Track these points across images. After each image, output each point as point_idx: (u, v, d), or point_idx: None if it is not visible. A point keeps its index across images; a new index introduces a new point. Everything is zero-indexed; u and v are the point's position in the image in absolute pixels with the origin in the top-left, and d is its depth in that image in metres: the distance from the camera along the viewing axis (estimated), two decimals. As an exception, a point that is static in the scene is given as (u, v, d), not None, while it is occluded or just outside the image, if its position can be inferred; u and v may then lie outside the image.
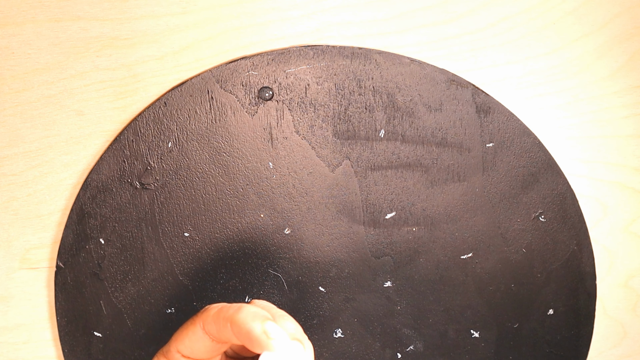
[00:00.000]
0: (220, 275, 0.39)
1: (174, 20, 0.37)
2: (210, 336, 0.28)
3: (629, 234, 0.42)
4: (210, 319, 0.28)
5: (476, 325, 0.41)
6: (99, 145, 0.38)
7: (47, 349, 0.40)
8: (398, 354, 0.41)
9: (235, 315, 0.26)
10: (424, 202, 0.39)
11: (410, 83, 0.38)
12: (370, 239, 0.39)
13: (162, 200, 0.38)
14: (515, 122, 0.39)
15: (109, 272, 0.39)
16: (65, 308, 0.39)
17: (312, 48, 0.37)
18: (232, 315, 0.27)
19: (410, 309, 0.41)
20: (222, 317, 0.27)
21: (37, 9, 0.36)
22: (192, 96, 0.37)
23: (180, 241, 0.39)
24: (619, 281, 0.43)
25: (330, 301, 0.40)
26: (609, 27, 0.39)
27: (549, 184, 0.40)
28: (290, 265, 0.39)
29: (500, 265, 0.40)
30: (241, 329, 0.26)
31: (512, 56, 0.39)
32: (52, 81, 0.37)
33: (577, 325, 0.41)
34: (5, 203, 0.38)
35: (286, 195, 0.38)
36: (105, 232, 0.38)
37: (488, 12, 0.38)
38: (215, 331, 0.27)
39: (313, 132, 0.38)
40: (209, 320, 0.28)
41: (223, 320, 0.27)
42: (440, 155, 0.39)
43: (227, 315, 0.27)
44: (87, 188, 0.38)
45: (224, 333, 0.27)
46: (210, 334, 0.28)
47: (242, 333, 0.26)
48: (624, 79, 0.40)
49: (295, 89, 0.37)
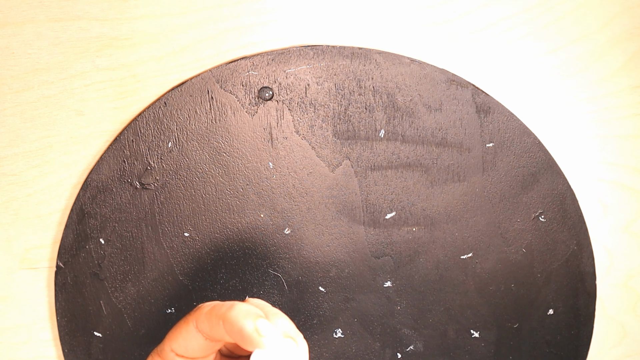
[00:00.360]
0: (220, 275, 0.39)
1: (174, 20, 0.37)
2: (204, 334, 0.28)
3: (629, 234, 0.42)
4: (203, 317, 0.27)
5: (476, 325, 0.41)
6: (99, 145, 0.38)
7: (47, 349, 0.40)
8: (398, 354, 0.41)
9: (228, 313, 0.26)
10: (424, 202, 0.39)
11: (410, 83, 0.38)
12: (370, 239, 0.39)
13: (162, 200, 0.38)
14: (515, 122, 0.39)
15: (109, 272, 0.39)
16: (65, 308, 0.39)
17: (312, 48, 0.37)
18: (225, 313, 0.26)
19: (410, 309, 0.41)
20: (214, 315, 0.27)
21: (37, 9, 0.36)
22: (192, 96, 0.37)
23: (180, 241, 0.39)
24: (619, 281, 0.43)
25: (330, 301, 0.40)
26: (609, 27, 0.39)
27: (549, 184, 0.40)
28: (290, 265, 0.39)
29: (500, 265, 0.40)
30: (233, 326, 0.26)
31: (512, 56, 0.39)
32: (52, 81, 0.37)
33: (577, 325, 0.41)
34: (5, 203, 0.38)
35: (286, 195, 0.38)
36: (105, 232, 0.38)
37: (488, 12, 0.38)
38: (208, 329, 0.27)
39: (313, 132, 0.38)
40: (201, 319, 0.28)
41: (215, 318, 0.27)
42: (440, 155, 0.39)
43: (220, 313, 0.27)
44: (87, 188, 0.37)
45: (217, 331, 0.27)
46: (203, 332, 0.28)
47: (234, 331, 0.26)
48: (624, 79, 0.40)
49: (295, 89, 0.37)
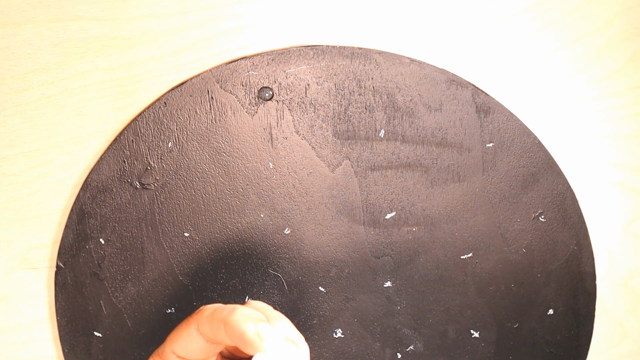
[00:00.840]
0: (220, 275, 0.39)
1: (174, 20, 0.37)
2: (205, 337, 0.28)
3: (629, 234, 0.42)
4: (204, 320, 0.28)
5: (476, 325, 0.41)
6: (99, 145, 0.38)
7: (47, 349, 0.40)
8: (398, 354, 0.41)
9: (229, 317, 0.26)
10: (424, 202, 0.39)
11: (410, 83, 0.38)
12: (370, 239, 0.39)
13: (162, 200, 0.38)
14: (515, 122, 0.39)
15: (109, 272, 0.39)
16: (65, 308, 0.39)
17: (312, 48, 0.37)
18: (226, 316, 0.27)
19: (410, 309, 0.41)
20: (216, 319, 0.27)
21: (37, 9, 0.36)
22: (192, 96, 0.37)
23: (180, 241, 0.39)
24: (619, 281, 0.43)
25: (330, 301, 0.40)
26: (609, 27, 0.39)
27: (549, 184, 0.40)
28: (290, 265, 0.39)
29: (500, 265, 0.40)
30: (234, 330, 0.26)
31: (512, 56, 0.39)
32: (52, 81, 0.37)
33: (577, 325, 0.41)
34: (5, 203, 0.38)
35: (286, 195, 0.38)
36: (105, 232, 0.38)
37: (488, 12, 0.38)
38: (210, 332, 0.27)
39: (313, 132, 0.38)
40: (203, 321, 0.28)
41: (217, 321, 0.27)
42: (440, 155, 0.39)
43: (221, 317, 0.27)
44: (87, 188, 0.37)
45: (218, 334, 0.27)
46: (204, 335, 0.28)
47: (235, 335, 0.26)
48: (624, 79, 0.40)
49: (295, 89, 0.37)
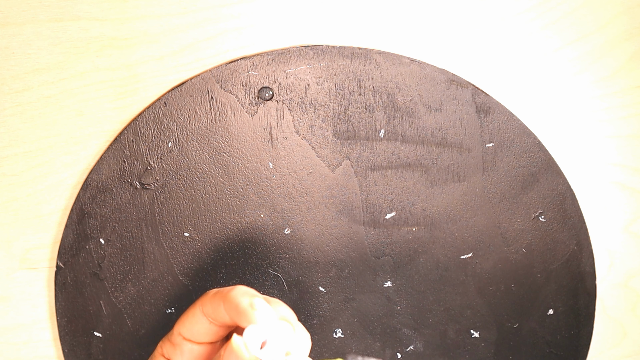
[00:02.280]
0: (220, 275, 0.39)
1: (174, 20, 0.37)
2: (208, 318, 0.29)
3: (629, 234, 0.42)
4: (207, 300, 0.29)
5: (476, 325, 0.41)
6: (99, 145, 0.38)
7: (47, 349, 0.40)
8: (398, 354, 0.41)
9: (228, 293, 0.28)
10: (424, 202, 0.39)
11: (410, 83, 0.38)
12: (370, 239, 0.39)
13: (162, 200, 0.38)
14: (515, 122, 0.39)
15: (109, 272, 0.39)
16: (65, 308, 0.39)
17: (312, 48, 0.37)
18: (226, 293, 0.28)
19: (410, 309, 0.41)
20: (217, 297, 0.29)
21: (37, 9, 0.36)
22: (192, 96, 0.37)
23: (180, 241, 0.39)
24: (619, 281, 0.43)
25: (330, 301, 0.40)
26: (609, 27, 0.39)
27: (549, 184, 0.40)
28: (290, 265, 0.39)
29: (500, 265, 0.40)
30: (231, 304, 0.27)
31: (512, 56, 0.39)
32: (52, 81, 0.37)
33: (577, 325, 0.41)
34: (5, 203, 0.38)
35: (286, 195, 0.38)
36: (105, 232, 0.38)
37: (488, 12, 0.38)
38: (212, 311, 0.29)
39: (313, 132, 0.38)
40: (206, 302, 0.29)
41: (218, 299, 0.28)
42: (440, 155, 0.39)
43: (221, 294, 0.28)
44: (87, 188, 0.37)
45: (219, 312, 0.28)
46: (208, 316, 0.29)
47: (232, 308, 0.27)
48: (624, 79, 0.40)
49: (295, 89, 0.37)
